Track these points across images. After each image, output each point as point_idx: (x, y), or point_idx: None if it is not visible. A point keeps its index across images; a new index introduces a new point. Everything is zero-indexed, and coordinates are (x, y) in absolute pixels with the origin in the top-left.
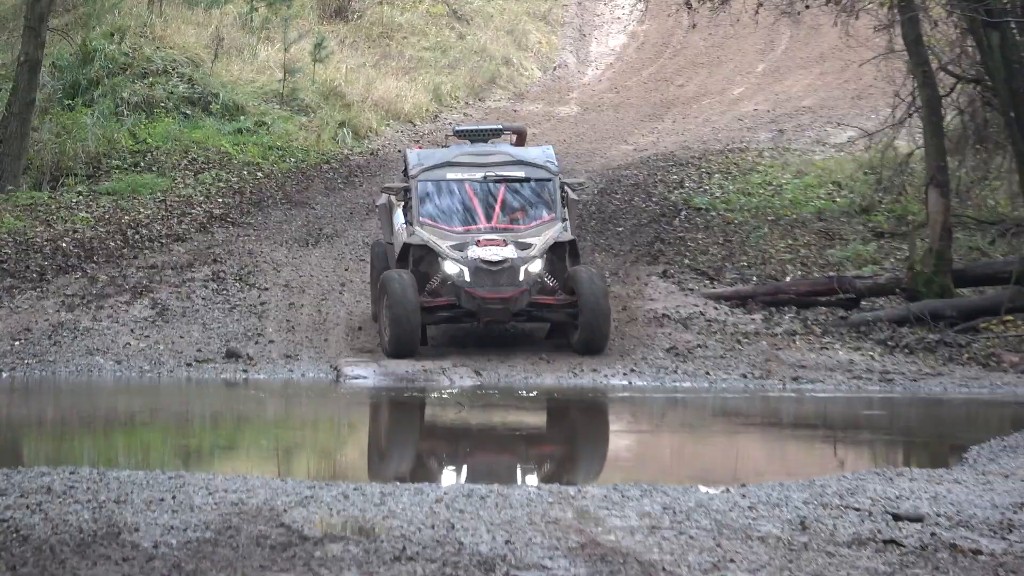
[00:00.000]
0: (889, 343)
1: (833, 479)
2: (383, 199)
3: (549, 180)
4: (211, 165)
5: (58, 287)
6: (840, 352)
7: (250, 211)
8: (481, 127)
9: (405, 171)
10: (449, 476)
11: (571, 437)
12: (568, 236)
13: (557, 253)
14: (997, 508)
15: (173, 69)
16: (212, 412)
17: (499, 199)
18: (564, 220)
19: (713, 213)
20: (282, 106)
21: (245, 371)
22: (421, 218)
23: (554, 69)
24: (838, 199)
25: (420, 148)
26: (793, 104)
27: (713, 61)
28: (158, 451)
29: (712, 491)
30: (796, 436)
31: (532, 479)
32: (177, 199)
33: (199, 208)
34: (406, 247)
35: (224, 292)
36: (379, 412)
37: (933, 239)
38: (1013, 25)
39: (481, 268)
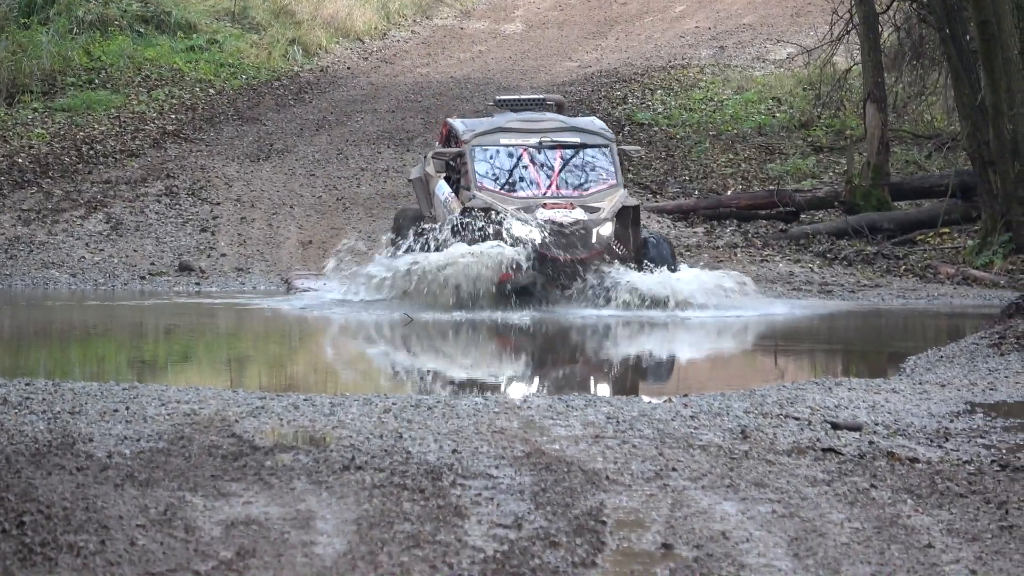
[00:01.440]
0: (828, 255)
1: (773, 389)
2: (416, 172)
3: (607, 146)
4: (164, 82)
5: (14, 202)
6: (780, 264)
7: (202, 127)
8: (523, 97)
9: (447, 140)
10: (397, 386)
11: (517, 348)
12: (633, 201)
13: (621, 220)
14: (934, 417)
15: None
16: (165, 324)
17: (557, 164)
18: (625, 187)
19: (656, 128)
20: (233, 24)
21: (198, 284)
22: (479, 183)
23: None
24: (778, 114)
25: (461, 118)
26: (734, 21)
27: None
28: (112, 363)
29: (655, 401)
30: (737, 347)
31: (479, 389)
32: (131, 115)
33: (152, 124)
34: (466, 211)
35: (177, 207)
36: (328, 323)
37: (871, 153)
38: None
39: (553, 230)
